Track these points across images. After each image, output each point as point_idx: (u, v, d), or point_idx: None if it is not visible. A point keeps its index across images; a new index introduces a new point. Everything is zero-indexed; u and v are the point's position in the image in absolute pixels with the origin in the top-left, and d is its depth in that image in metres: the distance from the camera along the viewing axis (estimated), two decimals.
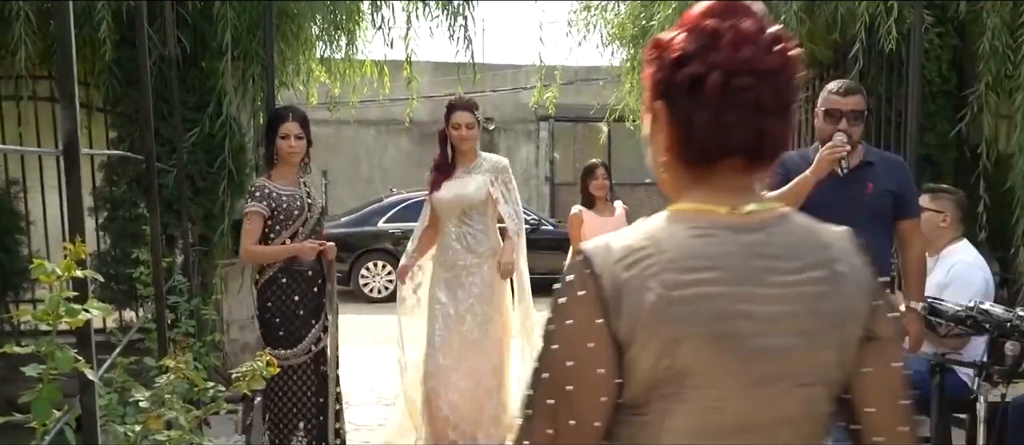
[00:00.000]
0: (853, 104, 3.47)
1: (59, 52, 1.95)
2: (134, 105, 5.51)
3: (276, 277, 4.16)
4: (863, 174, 3.49)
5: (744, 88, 1.19)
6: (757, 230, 1.25)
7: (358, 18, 6.71)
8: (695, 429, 1.20)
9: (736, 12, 1.23)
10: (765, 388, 1.21)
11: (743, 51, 1.20)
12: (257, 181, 4.28)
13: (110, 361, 3.23)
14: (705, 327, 1.17)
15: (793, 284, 1.22)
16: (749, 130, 1.22)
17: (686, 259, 1.20)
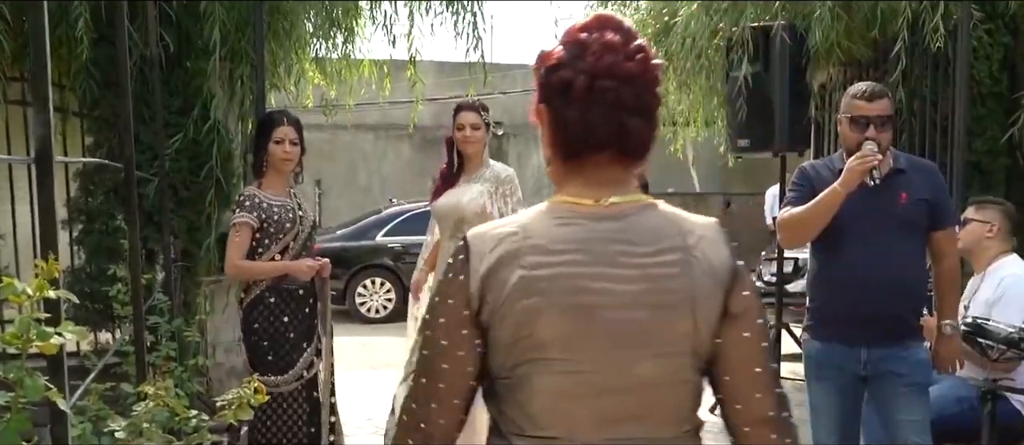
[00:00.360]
0: (880, 109, 3.45)
1: (32, 52, 1.96)
2: (112, 109, 5.52)
3: (263, 296, 4.13)
4: (895, 183, 3.47)
5: (606, 89, 1.52)
6: (617, 218, 1.57)
7: (356, 14, 6.69)
8: (558, 391, 1.53)
9: (604, 26, 1.57)
10: (623, 355, 1.53)
11: (606, 58, 1.53)
12: (246, 190, 4.24)
13: (84, 387, 3.22)
14: (561, 300, 1.51)
15: (645, 265, 1.54)
16: (612, 126, 1.54)
17: (549, 243, 1.55)
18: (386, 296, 11.97)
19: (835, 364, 3.58)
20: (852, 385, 3.57)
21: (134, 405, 2.87)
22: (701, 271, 1.56)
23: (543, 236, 1.56)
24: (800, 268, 8.80)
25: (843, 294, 3.50)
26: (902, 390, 3.47)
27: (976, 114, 5.78)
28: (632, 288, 1.54)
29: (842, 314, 3.52)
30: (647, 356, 1.54)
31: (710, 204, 18.16)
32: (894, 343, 3.47)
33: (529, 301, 1.51)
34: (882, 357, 3.47)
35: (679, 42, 6.81)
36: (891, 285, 3.41)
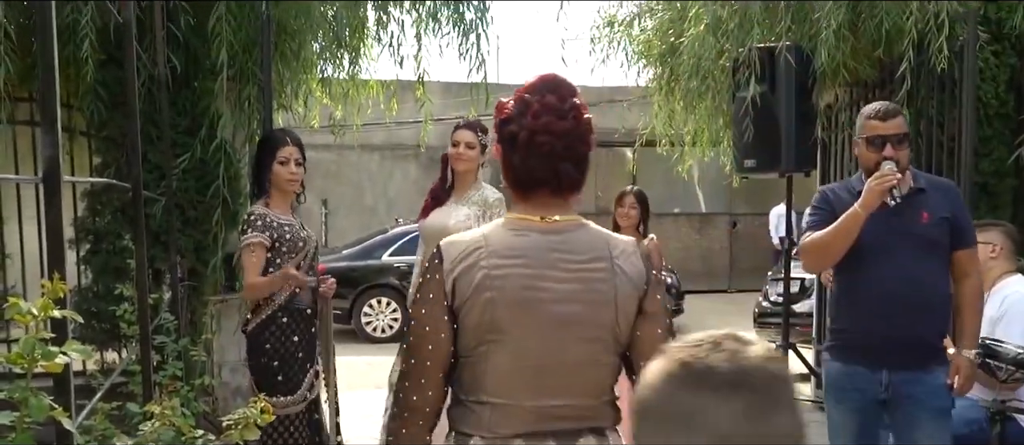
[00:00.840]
0: (896, 127, 3.43)
1: (40, 71, 1.96)
2: (120, 129, 5.54)
3: (276, 316, 4.07)
4: (916, 202, 3.44)
5: (543, 143, 1.98)
6: (558, 233, 2.03)
7: (363, 35, 6.71)
8: (509, 367, 1.96)
9: (546, 89, 2.02)
10: (558, 338, 1.96)
11: (543, 118, 1.99)
12: (255, 209, 4.15)
13: (90, 407, 3.21)
14: (512, 294, 1.94)
15: (579, 270, 1.99)
16: (548, 172, 2.01)
17: (504, 250, 1.99)
18: (392, 315, 11.97)
19: (855, 387, 3.52)
20: (872, 408, 3.52)
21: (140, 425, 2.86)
22: (623, 278, 2.01)
23: (500, 244, 2.01)
24: (806, 288, 8.78)
25: (866, 316, 3.46)
26: (924, 415, 3.42)
27: (983, 135, 5.77)
28: (568, 287, 1.98)
29: (864, 336, 3.47)
30: (577, 341, 1.99)
31: (716, 224, 18.13)
32: (916, 367, 3.42)
33: (489, 294, 1.95)
34: (904, 380, 3.42)
35: (685, 63, 6.82)
36: (915, 306, 3.37)
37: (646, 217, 5.81)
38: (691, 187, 16.91)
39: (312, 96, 7.13)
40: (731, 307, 15.14)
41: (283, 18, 5.96)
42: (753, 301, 9.94)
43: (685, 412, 1.10)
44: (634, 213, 5.72)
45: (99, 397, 3.37)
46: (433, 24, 6.56)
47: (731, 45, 6.50)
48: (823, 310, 7.55)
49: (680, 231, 17.83)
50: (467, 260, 1.98)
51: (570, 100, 2.03)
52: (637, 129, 8.89)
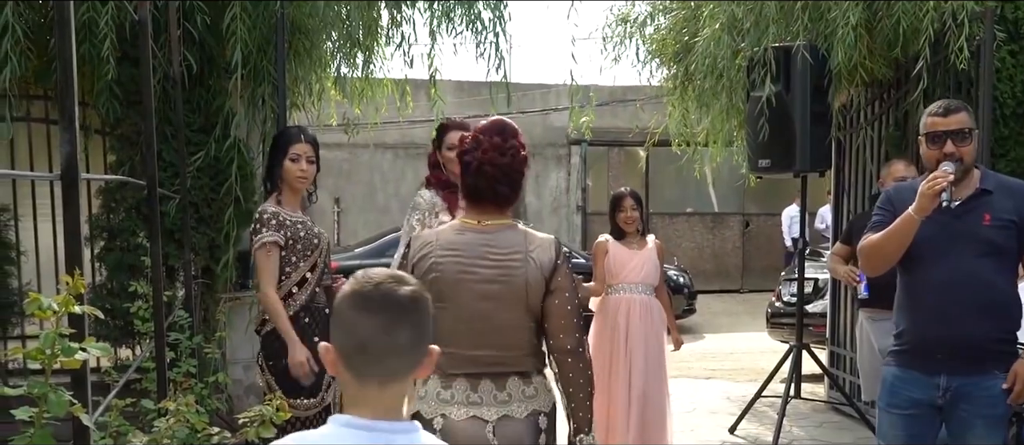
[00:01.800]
0: (957, 123, 3.36)
1: (59, 70, 1.97)
2: (135, 127, 5.57)
3: (298, 317, 3.98)
4: (979, 204, 3.36)
5: (487, 172, 2.77)
6: (489, 232, 2.81)
7: (376, 34, 6.70)
8: (451, 326, 2.70)
9: (493, 132, 2.82)
10: (485, 307, 2.73)
11: (489, 153, 2.77)
12: (268, 207, 4.05)
13: (106, 404, 3.23)
14: (450, 276, 2.74)
15: (500, 259, 2.76)
16: (489, 191, 2.79)
17: (448, 244, 2.79)
18: None
19: (908, 395, 3.46)
20: (925, 417, 3.44)
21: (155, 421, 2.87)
22: (533, 266, 2.77)
23: (445, 240, 2.83)
24: (820, 288, 8.76)
25: (922, 320, 3.41)
26: (978, 421, 3.35)
27: (999, 135, 5.74)
28: (490, 272, 2.76)
29: (921, 341, 3.42)
30: (500, 309, 2.76)
31: (729, 224, 18.09)
32: (976, 371, 3.34)
33: (434, 274, 2.76)
34: (962, 385, 3.34)
35: (700, 62, 6.79)
36: (971, 309, 3.30)
37: (643, 215, 5.80)
38: (704, 187, 16.87)
39: (326, 95, 7.13)
40: (743, 307, 15.11)
41: (297, 17, 5.97)
42: (766, 301, 9.92)
43: (348, 321, 1.65)
44: (635, 215, 5.69)
45: (114, 394, 3.39)
46: (446, 23, 6.54)
47: (746, 44, 6.48)
48: (837, 310, 7.54)
49: (693, 231, 17.80)
50: (423, 251, 2.82)
51: (511, 141, 2.84)
52: (649, 128, 8.87)
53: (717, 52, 6.51)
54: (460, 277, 2.75)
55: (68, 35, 1.97)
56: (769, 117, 6.14)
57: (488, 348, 2.76)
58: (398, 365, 1.66)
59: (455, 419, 2.75)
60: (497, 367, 2.78)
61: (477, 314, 2.74)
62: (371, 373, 1.64)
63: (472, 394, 2.77)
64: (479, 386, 2.77)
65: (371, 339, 1.62)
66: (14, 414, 1.78)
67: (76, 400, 1.81)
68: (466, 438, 2.72)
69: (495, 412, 2.77)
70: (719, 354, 10.68)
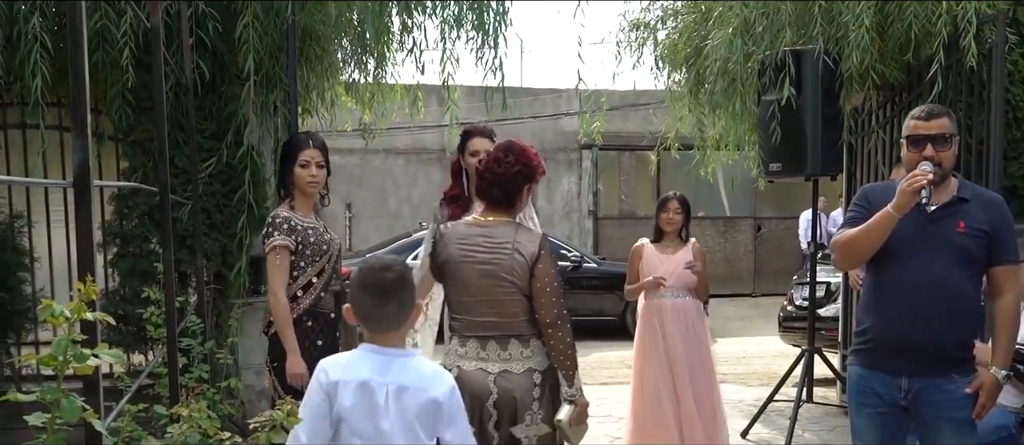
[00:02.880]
0: (938, 127, 3.39)
1: (71, 78, 1.98)
2: (147, 133, 5.59)
3: (301, 320, 4.06)
4: (955, 211, 3.39)
5: (486, 179, 3.54)
6: (490, 226, 3.50)
7: (387, 40, 6.71)
8: (462, 297, 3.51)
9: (500, 148, 3.60)
10: (484, 284, 3.43)
11: (489, 165, 3.56)
12: (280, 212, 4.12)
13: (118, 409, 3.25)
14: (457, 257, 3.48)
15: (494, 248, 3.43)
16: (495, 193, 3.53)
17: (460, 234, 3.53)
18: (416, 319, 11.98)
19: (875, 392, 3.49)
20: (894, 415, 3.48)
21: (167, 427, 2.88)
22: (520, 254, 3.43)
23: (457, 231, 3.57)
24: (832, 292, 8.72)
25: (889, 320, 3.43)
26: (945, 425, 3.37)
27: (1011, 138, 5.72)
28: (486, 256, 3.46)
29: (886, 340, 3.44)
30: (494, 286, 3.44)
31: (741, 227, 18.05)
32: (937, 375, 3.37)
33: (445, 257, 3.54)
34: (923, 388, 3.37)
35: (712, 65, 6.78)
36: (938, 314, 3.32)
37: (688, 221, 5.82)
38: (716, 191, 16.83)
39: (338, 101, 7.15)
40: (755, 311, 15.07)
41: (308, 23, 5.98)
42: (778, 305, 9.89)
43: (356, 297, 2.57)
44: (678, 218, 5.73)
45: (127, 399, 3.40)
46: (456, 28, 6.54)
47: (758, 47, 6.47)
48: (849, 314, 7.51)
49: (704, 234, 17.75)
50: (444, 239, 3.58)
51: (510, 157, 3.55)
52: (661, 133, 8.86)
53: (729, 55, 6.49)
54: (463, 260, 3.50)
55: (80, 43, 1.98)
56: (780, 120, 6.13)
57: (490, 316, 3.48)
58: (391, 323, 2.57)
59: (466, 369, 3.49)
60: (499, 331, 3.48)
61: (478, 289, 3.47)
62: (375, 329, 2.59)
63: (481, 351, 3.50)
64: (486, 346, 3.50)
65: (370, 310, 2.56)
66: (27, 419, 1.79)
67: (88, 406, 1.81)
68: (473, 384, 3.45)
69: (497, 367, 3.49)
70: (731, 358, 10.65)
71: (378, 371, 2.52)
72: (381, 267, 2.56)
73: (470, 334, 3.52)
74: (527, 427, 3.52)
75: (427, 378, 2.57)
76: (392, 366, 2.54)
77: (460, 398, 2.70)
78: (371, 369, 2.53)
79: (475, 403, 3.44)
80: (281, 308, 4.00)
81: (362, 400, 2.50)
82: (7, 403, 1.80)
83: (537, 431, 3.53)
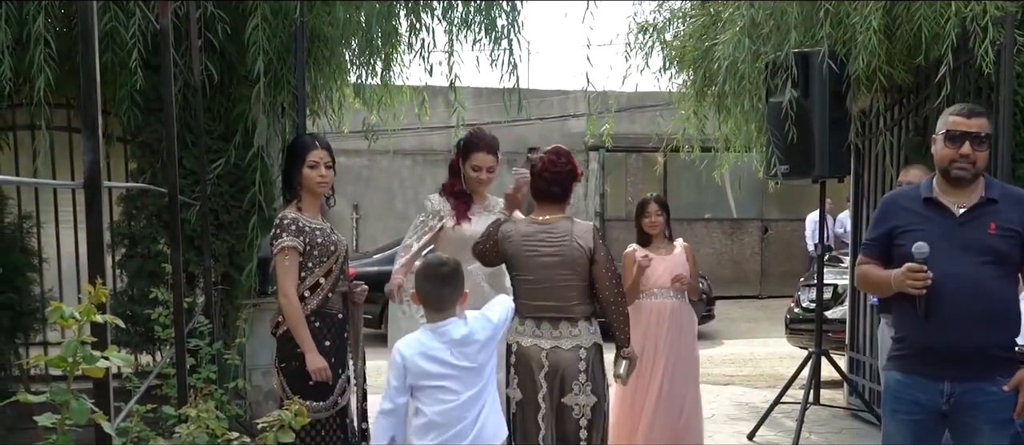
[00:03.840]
0: (978, 126, 3.36)
1: (82, 78, 1.98)
2: (156, 135, 5.60)
3: (309, 320, 4.05)
4: (984, 213, 3.36)
5: (547, 178, 4.23)
6: (548, 224, 4.21)
7: (396, 41, 6.71)
8: (526, 285, 4.19)
9: (552, 153, 4.27)
10: (546, 274, 4.13)
11: (549, 167, 4.23)
12: (288, 213, 4.13)
13: (127, 410, 3.25)
14: (522, 250, 4.18)
15: (554, 242, 4.15)
16: (554, 190, 4.24)
17: (523, 232, 4.22)
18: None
19: (913, 399, 3.45)
20: (931, 422, 3.45)
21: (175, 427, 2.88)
22: (578, 246, 4.11)
23: (522, 231, 4.21)
24: (839, 294, 8.70)
25: (927, 326, 3.39)
26: (984, 427, 3.34)
27: (1020, 139, 5.70)
28: (552, 249, 4.12)
29: (926, 346, 3.41)
30: (556, 275, 4.10)
31: (747, 229, 18.02)
32: (978, 377, 3.34)
33: (514, 252, 4.19)
34: (965, 391, 3.34)
35: (719, 66, 6.76)
36: (976, 317, 3.30)
37: (668, 221, 5.80)
38: (722, 192, 16.81)
39: (345, 102, 7.15)
40: (762, 313, 15.05)
41: (317, 25, 5.99)
42: (784, 307, 9.87)
43: (421, 285, 3.53)
44: (660, 220, 5.70)
45: (136, 400, 3.41)
46: (465, 30, 6.54)
47: (766, 49, 6.45)
48: (856, 316, 7.49)
49: (711, 236, 17.74)
50: (507, 235, 4.24)
51: (562, 158, 4.25)
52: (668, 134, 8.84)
53: (737, 55, 6.47)
54: (529, 255, 4.15)
55: (92, 44, 1.98)
56: (788, 123, 6.11)
57: (548, 300, 4.14)
58: (446, 303, 3.50)
59: (523, 344, 4.18)
60: (554, 313, 4.15)
61: (541, 278, 4.13)
62: (435, 308, 3.51)
63: (536, 330, 4.17)
64: (541, 325, 4.16)
65: (431, 294, 3.50)
66: (37, 420, 1.79)
67: (98, 407, 1.82)
68: (528, 357, 4.16)
69: (549, 343, 4.15)
70: (738, 360, 10.64)
71: (437, 339, 3.46)
72: (439, 263, 3.53)
73: (528, 315, 4.18)
74: (575, 396, 4.16)
75: (467, 333, 3.50)
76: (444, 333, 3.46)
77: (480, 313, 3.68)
78: (433, 340, 3.46)
79: (530, 374, 4.17)
80: (293, 308, 4.01)
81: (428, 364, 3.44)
82: (17, 404, 1.80)
83: (586, 401, 4.16)
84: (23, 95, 5.39)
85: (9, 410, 4.85)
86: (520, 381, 4.18)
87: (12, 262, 5.77)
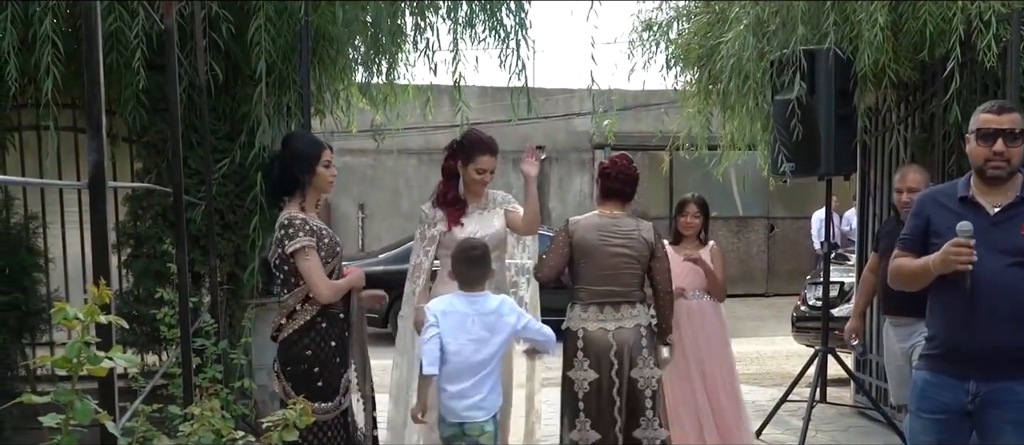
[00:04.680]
0: (1010, 122, 3.32)
1: (86, 78, 1.98)
2: (161, 135, 5.61)
3: (315, 321, 3.97)
4: (1018, 213, 3.33)
5: (624, 178, 4.96)
6: (616, 218, 4.88)
7: (401, 41, 6.71)
8: (592, 272, 4.78)
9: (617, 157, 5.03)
10: (616, 261, 4.77)
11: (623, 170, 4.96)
12: (293, 213, 4.02)
13: (132, 410, 3.25)
14: (593, 243, 4.79)
15: (621, 235, 4.80)
16: (627, 190, 4.97)
17: (592, 224, 4.86)
18: None
19: (939, 398, 3.43)
20: (954, 422, 3.42)
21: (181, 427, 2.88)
22: (641, 241, 4.78)
23: (592, 223, 4.86)
24: (846, 292, 8.68)
25: (954, 325, 3.38)
26: (1008, 427, 3.32)
27: None
28: (621, 240, 4.77)
29: (954, 345, 3.39)
30: (623, 263, 4.76)
31: (753, 227, 18.00)
32: (1005, 377, 3.31)
33: (583, 241, 4.79)
34: (991, 390, 3.31)
35: (725, 64, 6.75)
36: (1005, 317, 3.27)
37: (707, 223, 5.81)
38: (728, 190, 16.79)
39: (351, 102, 7.16)
40: (768, 311, 15.03)
41: (321, 24, 5.99)
42: (791, 305, 9.85)
43: (455, 267, 4.27)
44: (697, 222, 5.73)
45: (141, 399, 3.41)
46: (470, 30, 6.55)
47: (771, 46, 6.44)
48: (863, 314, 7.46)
49: (717, 234, 17.66)
50: (576, 227, 4.82)
51: (627, 162, 4.97)
52: (673, 132, 8.83)
53: (742, 53, 6.46)
54: (600, 244, 4.73)
55: (96, 44, 1.98)
56: (794, 120, 6.10)
57: (612, 286, 4.73)
58: (476, 282, 4.20)
59: (590, 329, 4.72)
60: (617, 297, 4.74)
61: (609, 265, 4.72)
62: (468, 285, 4.20)
63: (600, 314, 4.72)
64: (604, 309, 4.72)
65: (464, 273, 4.20)
66: (42, 421, 1.79)
67: (102, 408, 1.82)
68: (596, 340, 4.69)
69: (613, 325, 4.71)
70: (744, 358, 10.62)
71: (467, 306, 4.16)
72: (470, 247, 4.25)
73: (592, 301, 4.73)
74: (641, 370, 4.72)
75: (495, 307, 4.20)
76: (475, 303, 4.17)
77: (513, 302, 4.42)
78: (463, 305, 4.16)
79: (600, 355, 4.70)
80: (334, 288, 4.00)
81: (456, 323, 4.12)
82: (22, 404, 1.80)
83: (651, 374, 4.74)
84: (28, 95, 5.40)
85: (15, 410, 4.86)
86: (591, 362, 4.70)
87: (18, 262, 5.79)
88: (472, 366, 4.14)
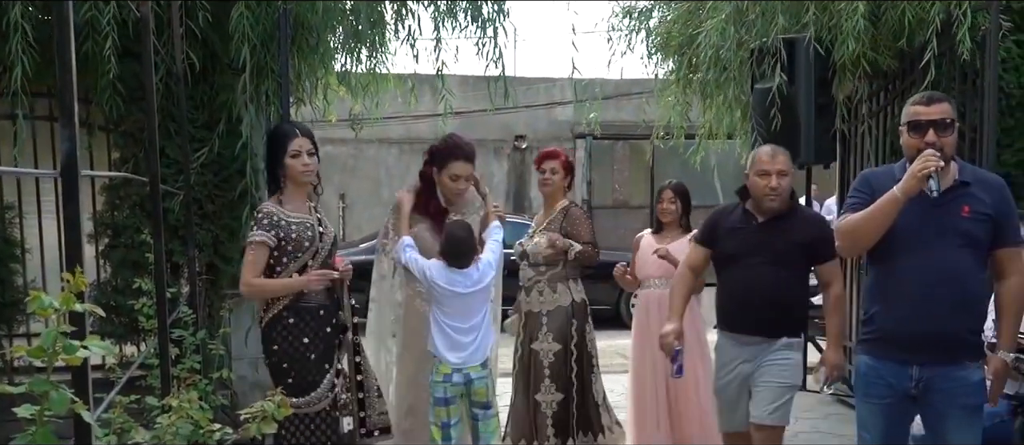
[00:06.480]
0: (940, 112, 3.36)
1: (58, 66, 1.96)
2: (138, 123, 5.57)
3: (281, 316, 3.95)
4: (958, 196, 3.37)
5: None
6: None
7: (382, 28, 6.68)
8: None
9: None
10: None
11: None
12: (265, 207, 4.03)
13: (108, 400, 3.23)
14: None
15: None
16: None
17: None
18: None
19: (885, 382, 3.46)
20: (901, 404, 3.46)
21: (158, 418, 2.87)
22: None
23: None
24: None
25: (898, 309, 3.40)
26: (954, 411, 3.36)
27: (1004, 125, 5.72)
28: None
29: (896, 329, 3.42)
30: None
31: None
32: (948, 362, 3.35)
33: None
34: (934, 376, 3.36)
35: (704, 53, 6.77)
36: (947, 301, 3.31)
37: (688, 209, 5.79)
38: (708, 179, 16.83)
39: (331, 90, 7.12)
40: None
41: (301, 12, 5.95)
42: None
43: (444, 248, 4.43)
44: (673, 208, 5.70)
45: (117, 390, 3.39)
46: (450, 19, 6.52)
47: (750, 36, 6.46)
48: None
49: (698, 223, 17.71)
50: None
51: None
52: (656, 122, 8.85)
53: (721, 43, 6.48)
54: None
55: (67, 33, 1.97)
56: (773, 109, 6.13)
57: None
58: (464, 261, 4.41)
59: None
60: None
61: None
62: (457, 263, 4.40)
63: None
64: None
65: (453, 253, 4.40)
66: (16, 412, 1.78)
67: (78, 398, 1.81)
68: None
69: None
70: None
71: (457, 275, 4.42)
72: (457, 229, 4.45)
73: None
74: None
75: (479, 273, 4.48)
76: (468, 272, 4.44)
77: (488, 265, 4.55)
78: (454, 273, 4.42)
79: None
80: (255, 288, 3.98)
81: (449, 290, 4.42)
82: None
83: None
84: (2, 84, 5.35)
85: None
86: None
87: None
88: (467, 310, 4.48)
